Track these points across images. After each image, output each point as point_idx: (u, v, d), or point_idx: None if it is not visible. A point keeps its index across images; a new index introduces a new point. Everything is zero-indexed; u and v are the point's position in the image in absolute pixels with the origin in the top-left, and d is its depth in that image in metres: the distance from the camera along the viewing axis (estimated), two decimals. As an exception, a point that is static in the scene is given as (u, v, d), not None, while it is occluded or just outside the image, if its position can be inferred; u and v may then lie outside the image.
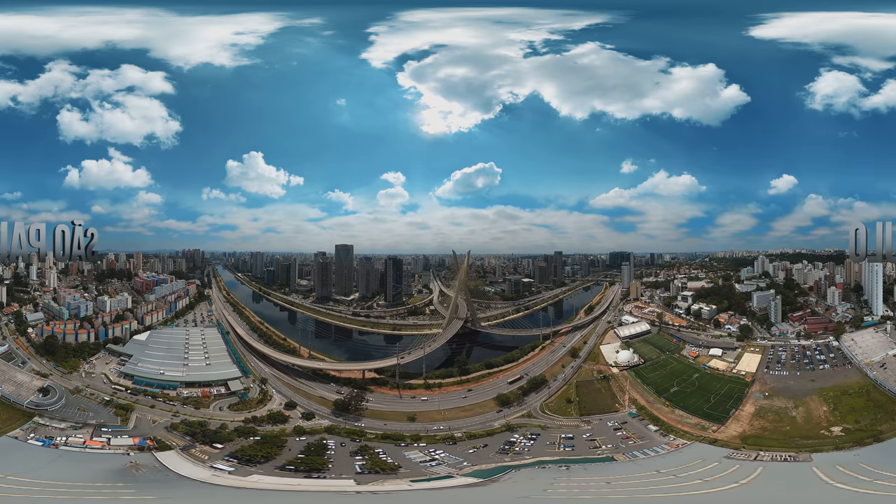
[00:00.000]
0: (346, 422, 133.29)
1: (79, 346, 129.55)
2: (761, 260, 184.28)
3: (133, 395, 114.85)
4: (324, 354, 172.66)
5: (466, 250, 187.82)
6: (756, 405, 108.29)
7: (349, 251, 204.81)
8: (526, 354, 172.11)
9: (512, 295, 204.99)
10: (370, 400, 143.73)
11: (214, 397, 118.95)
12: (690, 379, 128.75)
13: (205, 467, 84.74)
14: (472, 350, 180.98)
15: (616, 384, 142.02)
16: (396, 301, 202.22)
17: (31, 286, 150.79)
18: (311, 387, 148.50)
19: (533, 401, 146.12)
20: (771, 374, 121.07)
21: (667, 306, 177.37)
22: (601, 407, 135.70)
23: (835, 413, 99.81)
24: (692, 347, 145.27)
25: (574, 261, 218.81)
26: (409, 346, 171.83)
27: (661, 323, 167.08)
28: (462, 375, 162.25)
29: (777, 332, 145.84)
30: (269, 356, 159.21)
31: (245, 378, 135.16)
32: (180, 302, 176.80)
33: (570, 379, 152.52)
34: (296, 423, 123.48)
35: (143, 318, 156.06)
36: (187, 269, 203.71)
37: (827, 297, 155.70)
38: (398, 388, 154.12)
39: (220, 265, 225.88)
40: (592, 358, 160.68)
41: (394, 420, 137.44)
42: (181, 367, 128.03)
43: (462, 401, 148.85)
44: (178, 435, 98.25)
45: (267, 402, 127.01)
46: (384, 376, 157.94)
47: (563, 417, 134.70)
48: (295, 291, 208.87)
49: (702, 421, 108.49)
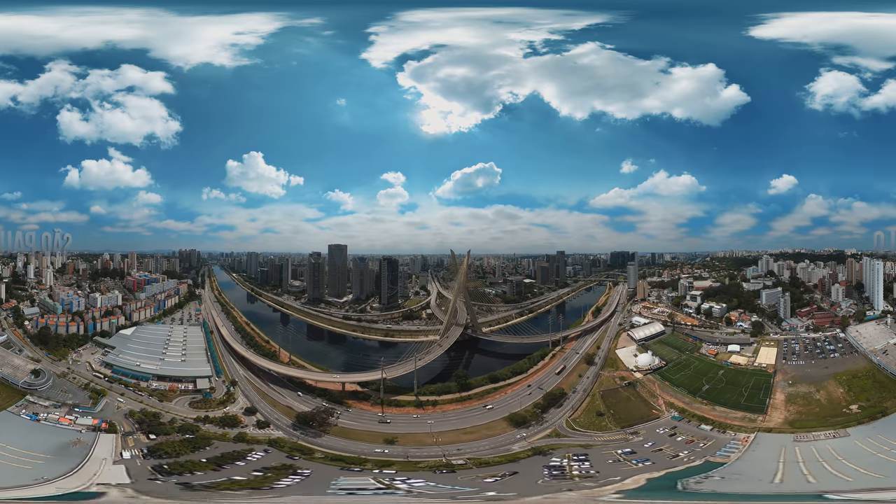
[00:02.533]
0: (303, 436, 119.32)
1: (69, 337, 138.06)
2: (765, 259, 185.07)
3: (109, 383, 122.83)
4: (307, 360, 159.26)
5: (465, 250, 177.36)
6: (784, 393, 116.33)
7: (343, 251, 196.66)
8: (535, 364, 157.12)
9: (514, 297, 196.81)
10: (341, 416, 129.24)
11: (181, 392, 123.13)
12: (717, 376, 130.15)
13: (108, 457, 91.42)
14: (472, 359, 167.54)
15: (644, 389, 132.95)
16: (391, 304, 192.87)
17: (29, 284, 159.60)
18: (281, 394, 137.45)
19: (555, 417, 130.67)
20: (789, 365, 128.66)
21: (676, 306, 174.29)
22: (639, 415, 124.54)
23: (850, 394, 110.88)
24: (710, 345, 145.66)
25: (574, 260, 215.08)
26: (404, 353, 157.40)
27: (675, 323, 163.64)
28: (462, 391, 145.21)
29: (787, 326, 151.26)
30: (246, 358, 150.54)
31: (217, 378, 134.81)
32: (170, 301, 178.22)
33: (592, 389, 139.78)
34: (247, 429, 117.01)
35: (130, 314, 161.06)
36: (183, 269, 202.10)
37: (831, 293, 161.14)
38: (381, 404, 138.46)
39: (217, 265, 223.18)
40: (610, 364, 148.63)
41: (367, 441, 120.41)
42: (157, 361, 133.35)
43: (462, 420, 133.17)
44: (131, 422, 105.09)
45: (229, 404, 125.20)
46: (368, 390, 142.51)
47: (599, 432, 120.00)
48: (287, 292, 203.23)
49: (746, 414, 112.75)
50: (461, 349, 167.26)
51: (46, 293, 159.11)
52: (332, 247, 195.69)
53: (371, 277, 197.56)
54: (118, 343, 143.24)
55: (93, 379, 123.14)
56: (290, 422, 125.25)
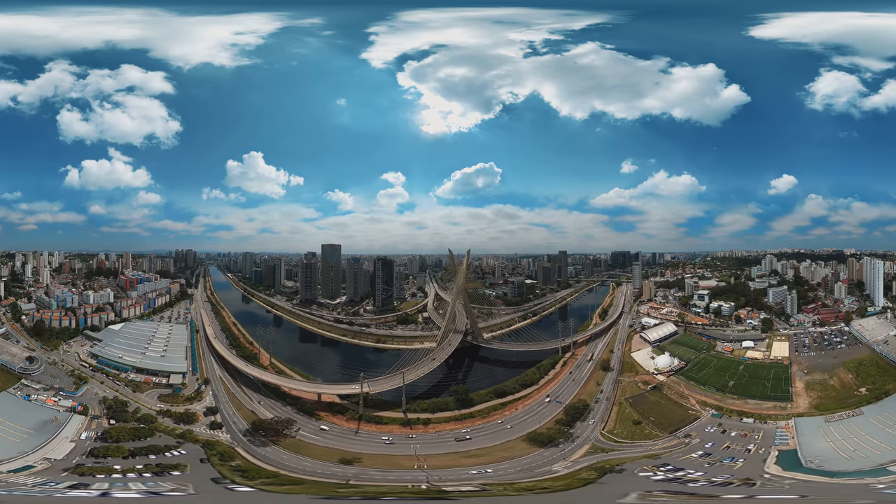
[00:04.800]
0: (251, 443, 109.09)
1: (61, 330, 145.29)
2: (769, 259, 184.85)
3: (93, 371, 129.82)
4: (288, 365, 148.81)
5: (464, 250, 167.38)
6: (803, 381, 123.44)
7: (337, 251, 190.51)
8: (545, 374, 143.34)
9: (515, 299, 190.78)
10: (302, 429, 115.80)
11: (154, 386, 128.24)
12: (738, 371, 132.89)
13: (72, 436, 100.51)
14: (472, 368, 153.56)
15: (671, 391, 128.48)
16: (386, 306, 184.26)
17: (27, 282, 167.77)
18: (250, 398, 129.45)
19: (585, 432, 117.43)
20: (801, 356, 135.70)
21: (683, 306, 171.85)
22: (678, 417, 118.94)
23: (858, 379, 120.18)
24: (724, 343, 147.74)
25: (575, 260, 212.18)
26: (395, 364, 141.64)
27: (686, 323, 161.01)
28: (463, 407, 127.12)
29: (795, 322, 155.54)
30: (225, 358, 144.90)
31: (192, 375, 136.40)
32: (160, 299, 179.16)
33: (616, 397, 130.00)
34: (200, 428, 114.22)
35: (120, 311, 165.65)
36: (178, 269, 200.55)
37: (834, 291, 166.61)
38: (359, 419, 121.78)
39: (215, 265, 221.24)
40: (627, 368, 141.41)
41: (319, 458, 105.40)
42: (138, 355, 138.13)
43: (460, 444, 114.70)
44: (102, 407, 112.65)
45: (195, 401, 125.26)
46: (348, 402, 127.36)
47: (648, 441, 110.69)
48: (280, 293, 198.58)
49: (776, 403, 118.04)
50: (460, 357, 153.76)
51: (43, 291, 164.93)
52: (325, 246, 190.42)
53: (366, 278, 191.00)
54: (106, 337, 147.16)
55: (79, 367, 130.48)
56: (246, 427, 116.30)
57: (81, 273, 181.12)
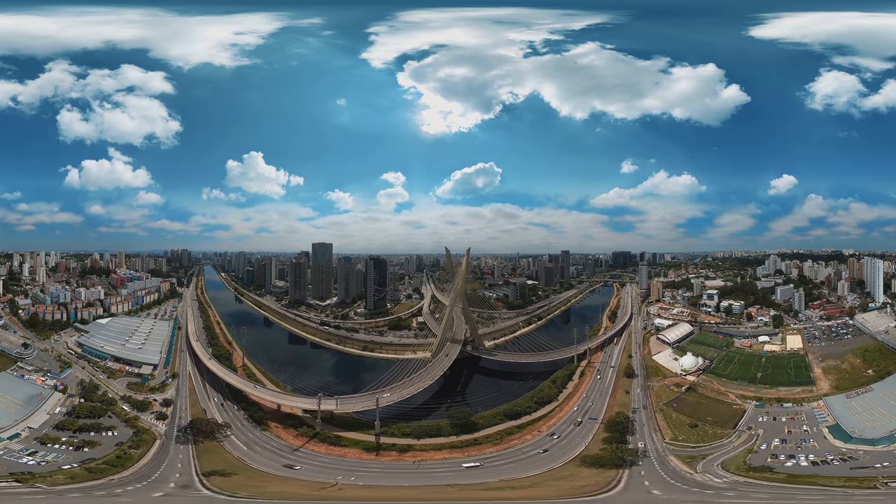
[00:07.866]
0: (178, 438, 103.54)
1: (54, 322, 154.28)
2: (773, 259, 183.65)
3: (77, 358, 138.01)
4: (261, 368, 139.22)
5: (462, 249, 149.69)
6: (819, 367, 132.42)
7: (328, 250, 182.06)
8: (563, 387, 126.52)
9: (518, 301, 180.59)
10: (230, 435, 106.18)
11: (126, 374, 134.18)
12: (762, 364, 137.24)
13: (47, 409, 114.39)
14: (472, 380, 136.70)
15: (707, 390, 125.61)
16: (378, 308, 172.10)
17: (24, 281, 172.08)
18: (209, 396, 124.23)
19: (643, 445, 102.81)
20: (814, 346, 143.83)
21: (693, 305, 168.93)
22: (728, 413, 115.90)
23: (865, 362, 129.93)
24: (741, 339, 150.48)
25: (575, 260, 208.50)
26: (382, 374, 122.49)
27: (699, 322, 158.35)
28: (463, 433, 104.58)
29: (803, 317, 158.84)
30: (198, 355, 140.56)
31: (163, 368, 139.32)
32: (149, 297, 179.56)
33: (653, 403, 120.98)
34: (147, 416, 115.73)
35: (109, 307, 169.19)
36: (172, 268, 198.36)
37: (837, 289, 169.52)
38: (310, 437, 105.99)
39: (210, 265, 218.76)
40: (652, 372, 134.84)
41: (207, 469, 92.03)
42: (118, 346, 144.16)
43: (456, 474, 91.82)
44: (79, 388, 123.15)
45: (157, 392, 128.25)
46: (311, 416, 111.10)
47: (716, 441, 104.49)
48: (269, 293, 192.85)
49: (803, 388, 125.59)
50: (459, 368, 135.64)
51: (39, 289, 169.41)
52: (316, 245, 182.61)
53: (358, 278, 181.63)
54: (93, 329, 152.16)
55: (66, 354, 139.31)
56: (187, 422, 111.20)
57: (76, 272, 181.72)
